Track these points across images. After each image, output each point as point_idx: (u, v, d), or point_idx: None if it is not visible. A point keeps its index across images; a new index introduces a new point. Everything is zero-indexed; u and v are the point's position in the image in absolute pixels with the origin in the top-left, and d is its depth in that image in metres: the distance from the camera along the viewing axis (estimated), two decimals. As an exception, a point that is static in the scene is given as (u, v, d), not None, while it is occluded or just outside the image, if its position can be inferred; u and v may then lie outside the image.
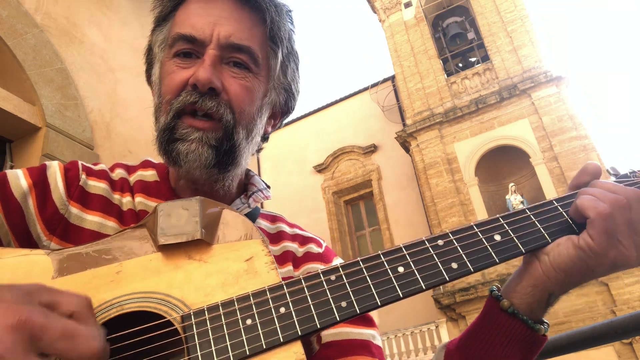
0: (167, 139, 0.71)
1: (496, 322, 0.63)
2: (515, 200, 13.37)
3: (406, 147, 16.00)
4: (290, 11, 0.81)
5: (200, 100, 0.69)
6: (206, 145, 0.70)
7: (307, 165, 19.11)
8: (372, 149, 18.06)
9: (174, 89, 0.72)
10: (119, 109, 3.76)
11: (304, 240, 0.85)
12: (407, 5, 17.25)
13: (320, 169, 18.79)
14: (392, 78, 18.29)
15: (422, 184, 14.90)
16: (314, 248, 0.84)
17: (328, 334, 0.72)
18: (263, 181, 0.88)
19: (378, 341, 0.75)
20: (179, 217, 0.59)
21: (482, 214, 13.43)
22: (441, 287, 13.09)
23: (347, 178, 18.23)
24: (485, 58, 15.85)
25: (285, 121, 0.91)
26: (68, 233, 0.69)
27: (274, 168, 19.07)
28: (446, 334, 13.18)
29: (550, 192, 12.84)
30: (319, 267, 0.79)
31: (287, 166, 19.14)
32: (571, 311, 11.63)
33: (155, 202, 0.76)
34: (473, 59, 16.73)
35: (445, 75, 16.07)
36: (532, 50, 14.70)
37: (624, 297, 11.42)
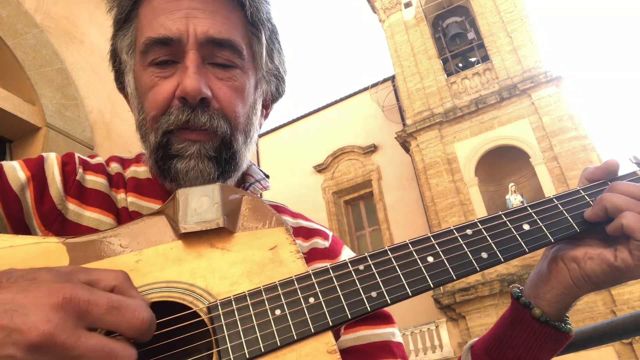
0: (162, 156, 0.65)
1: (528, 329, 0.63)
2: (515, 200, 13.36)
3: (406, 147, 16.00)
4: None
5: (192, 116, 0.63)
6: (205, 159, 0.65)
7: (307, 165, 19.10)
8: (372, 149, 18.05)
9: (160, 105, 0.65)
10: (119, 109, 3.76)
11: (308, 233, 0.80)
12: (407, 5, 17.25)
13: (320, 169, 18.78)
14: (392, 78, 18.28)
15: (422, 184, 14.89)
16: (319, 242, 0.79)
17: (348, 339, 0.71)
18: (261, 171, 0.83)
19: (398, 338, 0.74)
20: (200, 204, 0.56)
21: (482, 214, 13.39)
22: (441, 287, 13.09)
23: (347, 178, 18.23)
24: (485, 58, 15.84)
25: (285, 121, 0.86)
26: (65, 229, 0.65)
27: (274, 168, 19.05)
28: (446, 334, 13.18)
29: (551, 192, 12.83)
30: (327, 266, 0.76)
31: (287, 166, 19.13)
32: (571, 311, 11.52)
33: (148, 202, 0.71)
34: (473, 59, 16.73)
35: (445, 75, 16.07)
36: (532, 50, 14.70)
37: (624, 297, 11.42)
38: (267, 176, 0.84)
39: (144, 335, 0.42)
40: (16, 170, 0.66)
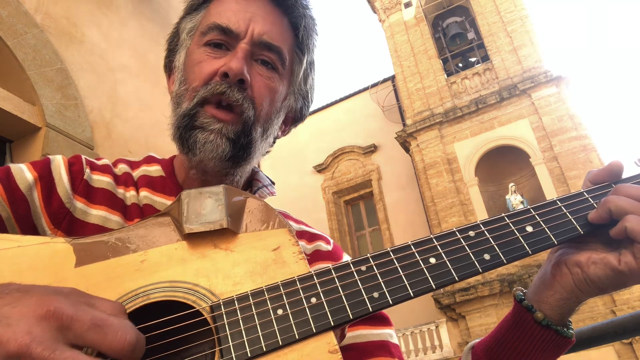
0: (186, 125, 0.71)
1: (530, 332, 0.63)
2: (515, 200, 13.37)
3: (406, 147, 16.01)
4: (316, 24, 0.83)
5: (228, 90, 0.70)
6: (224, 138, 0.70)
7: (307, 165, 19.11)
8: (372, 149, 18.06)
9: (203, 77, 0.72)
10: (119, 109, 3.76)
11: (311, 237, 0.83)
12: (407, 5, 17.26)
13: (320, 169, 18.79)
14: (392, 78, 18.29)
15: (422, 184, 14.89)
16: (322, 245, 0.82)
17: (347, 337, 0.72)
18: (267, 177, 0.87)
19: (395, 340, 0.76)
20: (204, 205, 0.58)
21: (482, 214, 13.43)
22: (441, 287, 13.08)
23: (347, 178, 18.23)
24: (485, 58, 15.85)
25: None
26: (73, 227, 0.68)
27: (274, 168, 19.06)
28: (446, 334, 13.19)
29: (550, 192, 12.84)
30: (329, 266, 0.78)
31: (287, 166, 19.13)
32: (571, 311, 11.63)
33: (161, 197, 0.75)
34: (473, 59, 16.74)
35: (445, 75, 16.08)
36: (532, 50, 14.70)
37: (624, 297, 11.43)
38: (273, 183, 0.87)
39: (128, 358, 0.40)
40: (23, 172, 0.69)
